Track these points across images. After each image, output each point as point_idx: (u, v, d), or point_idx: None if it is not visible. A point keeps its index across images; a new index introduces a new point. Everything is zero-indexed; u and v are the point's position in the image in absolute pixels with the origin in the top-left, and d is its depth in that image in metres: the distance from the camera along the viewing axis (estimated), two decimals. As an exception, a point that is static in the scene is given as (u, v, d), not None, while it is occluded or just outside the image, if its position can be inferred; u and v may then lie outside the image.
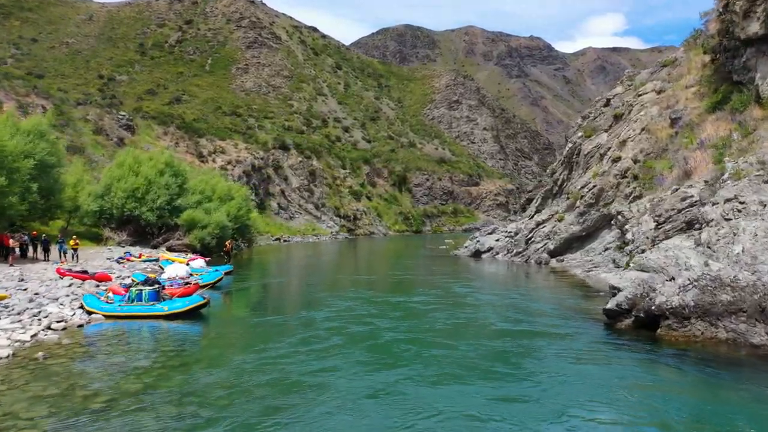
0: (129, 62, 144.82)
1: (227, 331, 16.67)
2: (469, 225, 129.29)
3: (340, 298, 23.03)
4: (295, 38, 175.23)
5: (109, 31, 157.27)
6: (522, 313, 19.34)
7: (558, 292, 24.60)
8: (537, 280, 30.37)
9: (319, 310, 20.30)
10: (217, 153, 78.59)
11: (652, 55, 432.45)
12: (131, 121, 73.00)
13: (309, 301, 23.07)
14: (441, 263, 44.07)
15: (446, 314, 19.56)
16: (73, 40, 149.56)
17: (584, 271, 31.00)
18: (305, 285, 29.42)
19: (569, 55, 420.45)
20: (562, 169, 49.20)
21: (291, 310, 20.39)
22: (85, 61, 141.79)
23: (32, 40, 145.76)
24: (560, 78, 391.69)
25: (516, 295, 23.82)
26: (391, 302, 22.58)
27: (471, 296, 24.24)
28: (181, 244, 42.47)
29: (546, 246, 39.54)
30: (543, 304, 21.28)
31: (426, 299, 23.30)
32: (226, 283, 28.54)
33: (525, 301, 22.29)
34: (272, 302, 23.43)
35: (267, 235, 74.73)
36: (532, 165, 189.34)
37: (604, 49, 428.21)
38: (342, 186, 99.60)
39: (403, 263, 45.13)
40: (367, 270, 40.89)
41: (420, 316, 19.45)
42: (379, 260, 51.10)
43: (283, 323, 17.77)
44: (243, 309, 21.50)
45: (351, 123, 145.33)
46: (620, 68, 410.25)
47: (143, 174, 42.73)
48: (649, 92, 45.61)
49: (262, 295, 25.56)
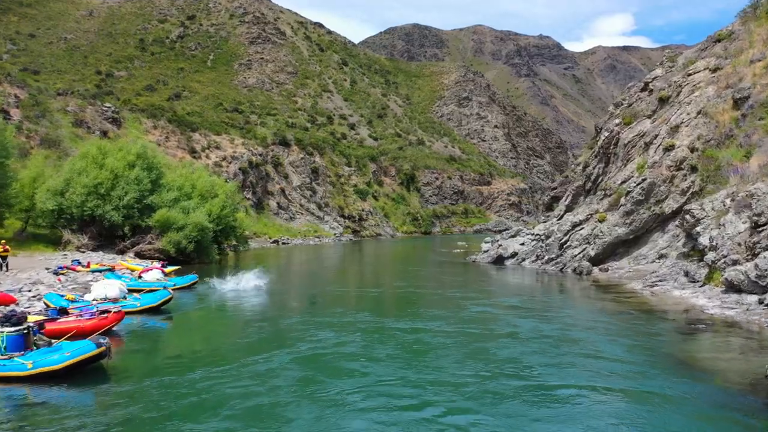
0: (128, 58, 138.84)
1: (118, 413, 9.78)
2: (481, 226, 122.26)
3: (326, 327, 16.26)
4: (300, 34, 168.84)
5: (109, 26, 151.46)
6: (593, 365, 12.33)
7: (629, 320, 17.63)
8: (588, 299, 23.34)
9: (290, 348, 13.60)
10: (211, 148, 72.04)
11: (663, 54, 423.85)
12: (117, 114, 66.57)
13: (281, 332, 16.25)
14: (457, 272, 37.12)
15: (472, 356, 12.77)
16: (71, 36, 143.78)
17: (646, 286, 24.00)
18: (285, 305, 22.60)
19: (579, 54, 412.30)
20: (597, 161, 42.15)
21: (247, 353, 13.56)
22: (83, 56, 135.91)
23: (30, 35, 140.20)
24: (570, 77, 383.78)
25: (571, 326, 16.88)
26: (396, 333, 15.76)
27: (503, 323, 17.40)
28: (153, 248, 35.78)
29: (585, 252, 32.51)
30: (620, 346, 14.28)
31: (441, 327, 16.50)
32: (191, 301, 21.82)
33: (589, 337, 15.30)
34: (225, 337, 16.58)
35: (264, 237, 68.10)
36: (544, 164, 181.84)
37: (614, 47, 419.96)
38: (347, 184, 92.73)
39: (412, 272, 38.24)
40: (369, 281, 33.99)
41: (434, 359, 12.71)
42: (384, 267, 44.17)
43: (226, 383, 10.90)
44: (173, 354, 14.60)
45: (357, 120, 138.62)
46: (631, 67, 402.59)
47: (109, 167, 36.11)
48: (701, 71, 38.47)
49: (216, 325, 18.69)
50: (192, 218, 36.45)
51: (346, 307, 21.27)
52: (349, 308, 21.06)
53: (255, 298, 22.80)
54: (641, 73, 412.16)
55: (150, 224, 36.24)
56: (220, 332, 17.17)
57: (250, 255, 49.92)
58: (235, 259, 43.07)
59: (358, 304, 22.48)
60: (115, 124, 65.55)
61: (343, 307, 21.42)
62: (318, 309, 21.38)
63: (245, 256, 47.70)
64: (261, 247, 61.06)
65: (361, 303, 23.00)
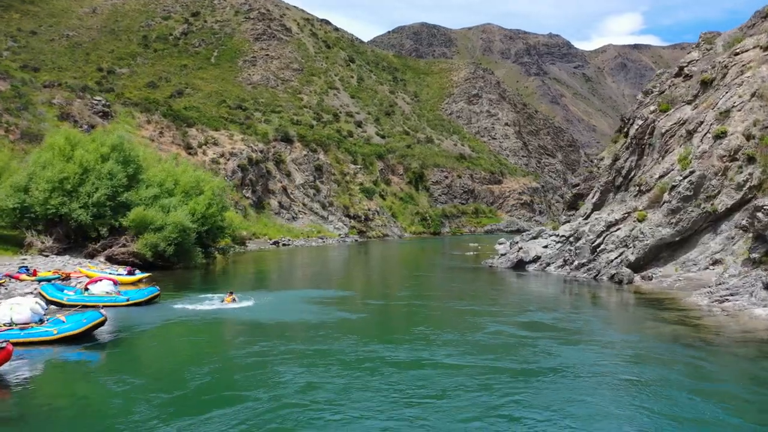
0: (131, 55, 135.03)
1: None
2: (492, 226, 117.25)
3: (298, 361, 11.68)
4: (307, 31, 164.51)
5: (113, 23, 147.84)
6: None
7: (715, 354, 12.85)
8: (643, 319, 18.44)
9: (238, 406, 8.98)
10: (208, 144, 67.60)
11: (675, 52, 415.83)
12: (108, 107, 62.28)
13: (231, 376, 11.63)
14: (471, 279, 32.36)
15: (493, 409, 8.19)
16: (73, 33, 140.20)
17: (713, 302, 19.19)
18: (263, 323, 17.97)
19: (589, 53, 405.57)
20: (628, 154, 37.28)
21: (170, 415, 8.96)
22: (85, 53, 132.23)
23: (31, 32, 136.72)
24: (580, 76, 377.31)
25: (633, 361, 12.13)
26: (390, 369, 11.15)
27: (532, 353, 12.71)
28: (127, 252, 31.32)
29: (624, 256, 27.65)
30: (725, 405, 9.52)
31: (451, 359, 11.98)
32: (141, 322, 17.30)
33: (670, 381, 10.52)
34: (159, 380, 11.95)
35: (264, 238, 63.59)
36: (556, 163, 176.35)
37: (625, 46, 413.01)
38: (352, 183, 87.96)
39: (420, 279, 33.52)
40: (369, 290, 29.28)
41: (436, 413, 8.17)
42: (389, 273, 39.40)
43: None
44: (68, 413, 10.00)
45: (364, 118, 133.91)
46: (641, 66, 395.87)
47: (78, 160, 31.64)
48: (750, 49, 33.48)
49: (151, 364, 14.00)
50: (172, 218, 31.93)
51: (333, 329, 16.64)
52: (338, 329, 16.44)
53: (222, 320, 18.22)
54: (652, 72, 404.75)
55: (124, 224, 31.77)
56: (150, 378, 12.48)
57: (244, 258, 45.38)
58: (224, 264, 38.48)
59: (350, 324, 17.84)
60: (105, 118, 61.28)
61: (330, 328, 16.79)
62: (296, 333, 16.74)
63: (238, 259, 43.14)
64: (259, 249, 56.57)
65: (355, 322, 18.36)
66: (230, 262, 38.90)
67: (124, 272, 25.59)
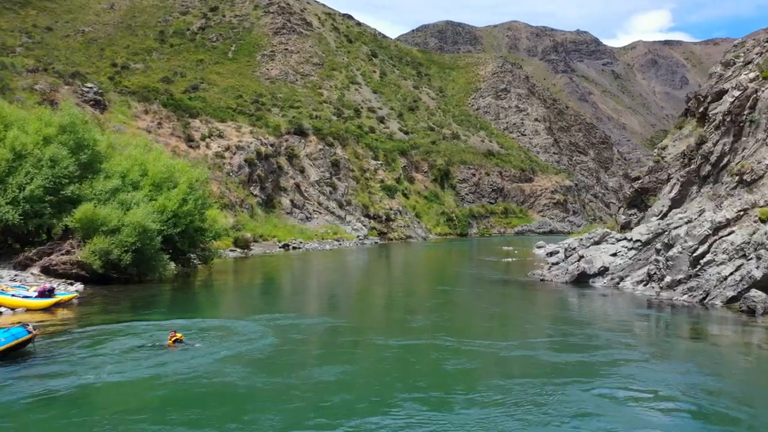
0: (146, 50, 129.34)
1: None
2: (523, 227, 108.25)
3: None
4: (328, 25, 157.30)
5: (129, 19, 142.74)
6: None
7: None
8: None
9: None
10: (212, 137, 60.33)
11: (708, 48, 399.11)
12: (101, 95, 55.37)
13: None
14: (522, 300, 23.98)
15: None
16: (89, 29, 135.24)
17: None
18: (195, 395, 10.04)
19: (618, 50, 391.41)
20: (719, 135, 28.52)
21: None
22: (100, 49, 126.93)
23: (47, 28, 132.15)
24: (609, 73, 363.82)
25: None
26: None
27: None
28: (70, 261, 23.80)
29: (745, 272, 19.13)
30: None
31: None
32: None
33: None
34: None
35: (273, 241, 56.05)
36: (588, 160, 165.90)
37: (655, 42, 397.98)
38: (372, 180, 79.85)
39: (453, 298, 25.26)
40: (385, 319, 21.04)
41: None
42: (414, 288, 31.11)
43: None
44: None
45: (387, 113, 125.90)
46: (673, 62, 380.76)
47: (9, 143, 24.27)
48: None
49: None
50: (130, 217, 24.34)
51: (314, 400, 8.66)
52: (320, 399, 8.51)
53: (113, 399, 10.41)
54: (684, 69, 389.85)
55: (68, 225, 24.30)
56: None
57: (240, 266, 37.66)
58: (206, 275, 30.73)
59: (343, 388, 9.82)
60: (97, 107, 54.36)
61: (308, 398, 8.83)
62: (253, 410, 8.82)
63: (228, 268, 35.36)
64: (264, 254, 48.99)
65: (351, 383, 10.36)
66: (214, 274, 31.07)
67: (32, 293, 17.95)
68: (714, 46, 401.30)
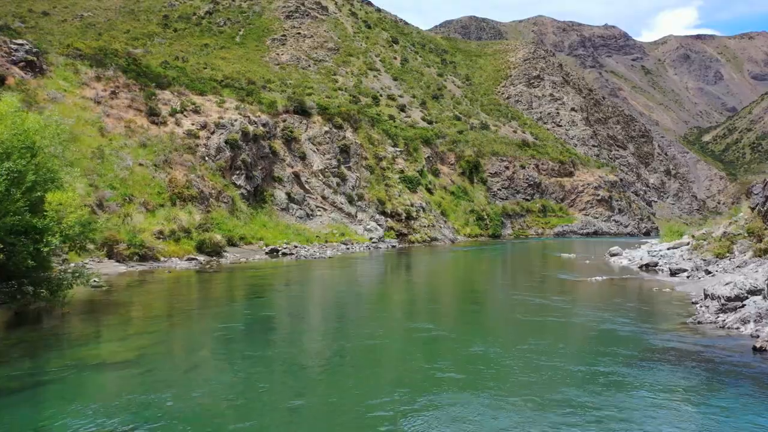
0: (148, 35, 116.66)
1: None
2: (564, 227, 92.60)
3: None
4: (345, 10, 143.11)
5: (133, 3, 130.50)
6: None
7: None
8: None
9: None
10: (186, 112, 46.50)
11: (742, 41, 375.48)
12: (36, 56, 41.80)
13: None
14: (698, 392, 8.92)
15: None
16: (88, 14, 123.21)
17: None
18: None
19: (648, 45, 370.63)
20: None
21: None
22: (98, 34, 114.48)
23: (43, 13, 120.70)
24: (638, 68, 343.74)
25: None
26: None
27: None
28: None
29: None
30: None
31: None
32: None
33: None
34: None
35: (256, 245, 41.75)
36: (627, 155, 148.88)
37: (687, 36, 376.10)
38: (390, 170, 65.13)
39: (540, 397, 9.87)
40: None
41: None
42: (438, 345, 15.44)
43: None
44: None
45: (408, 101, 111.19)
46: (706, 57, 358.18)
47: None
48: None
49: None
50: None
51: None
52: None
53: None
54: (718, 64, 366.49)
55: None
56: None
57: (146, 297, 23.11)
58: (58, 321, 15.94)
59: None
60: (29, 70, 40.72)
61: None
62: None
63: (119, 299, 20.71)
64: (239, 263, 34.56)
65: None
66: (60, 320, 16.02)
67: None
68: (749, 40, 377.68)
